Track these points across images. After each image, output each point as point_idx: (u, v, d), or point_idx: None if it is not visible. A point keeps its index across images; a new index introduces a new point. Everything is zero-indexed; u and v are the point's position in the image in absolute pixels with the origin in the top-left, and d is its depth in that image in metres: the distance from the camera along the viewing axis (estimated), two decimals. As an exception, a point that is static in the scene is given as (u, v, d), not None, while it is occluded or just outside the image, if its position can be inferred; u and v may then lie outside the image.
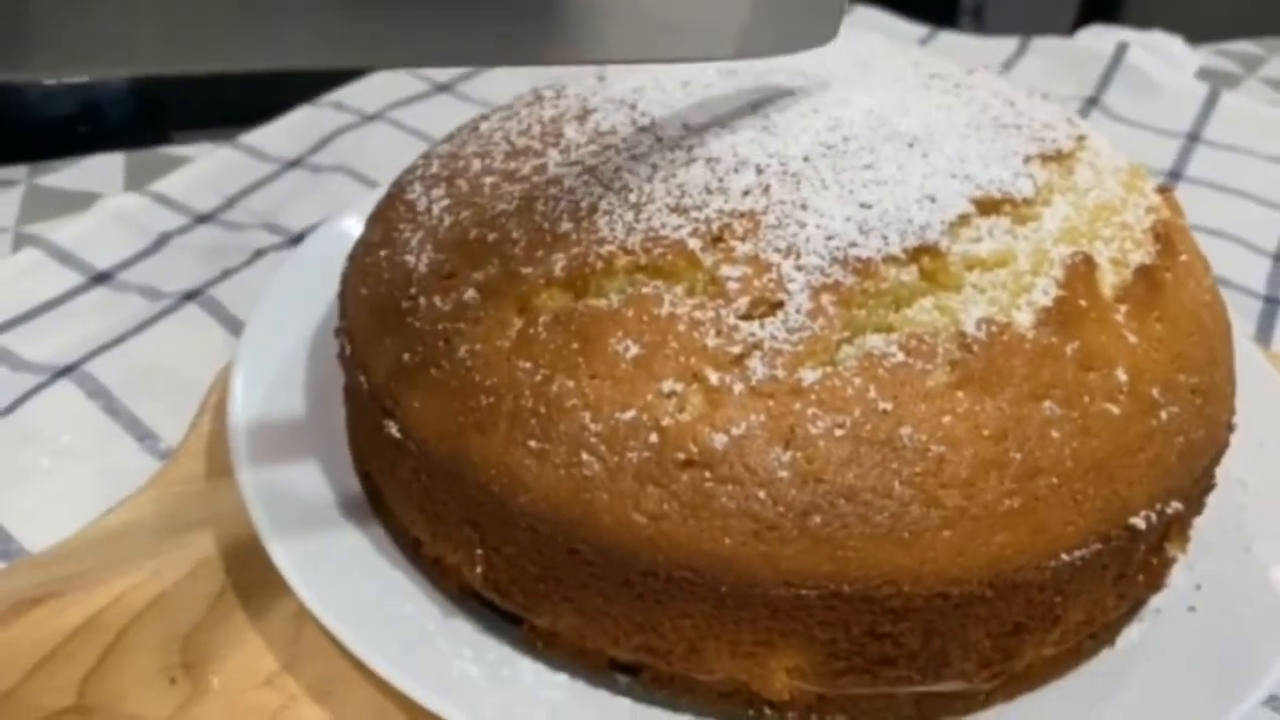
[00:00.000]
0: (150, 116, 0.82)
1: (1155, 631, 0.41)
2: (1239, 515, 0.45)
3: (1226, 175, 0.79)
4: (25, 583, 0.40)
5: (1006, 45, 0.95)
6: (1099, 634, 0.40)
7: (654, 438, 0.34)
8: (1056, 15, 1.66)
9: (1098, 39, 0.96)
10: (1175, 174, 0.79)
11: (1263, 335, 0.64)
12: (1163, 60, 0.93)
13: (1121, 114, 0.86)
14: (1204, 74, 0.93)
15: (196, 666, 0.38)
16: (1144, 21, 1.00)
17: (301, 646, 0.39)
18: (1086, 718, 0.38)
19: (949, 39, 0.96)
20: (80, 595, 0.40)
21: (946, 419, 0.34)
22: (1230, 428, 0.41)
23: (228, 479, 0.43)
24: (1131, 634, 0.41)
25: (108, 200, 0.64)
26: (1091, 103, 0.86)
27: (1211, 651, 0.40)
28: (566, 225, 0.39)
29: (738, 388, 0.34)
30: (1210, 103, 0.87)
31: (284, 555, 0.38)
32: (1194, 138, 0.84)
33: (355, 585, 0.39)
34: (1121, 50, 0.92)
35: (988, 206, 0.39)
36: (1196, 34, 0.99)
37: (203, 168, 0.69)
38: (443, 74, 0.82)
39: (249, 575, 0.41)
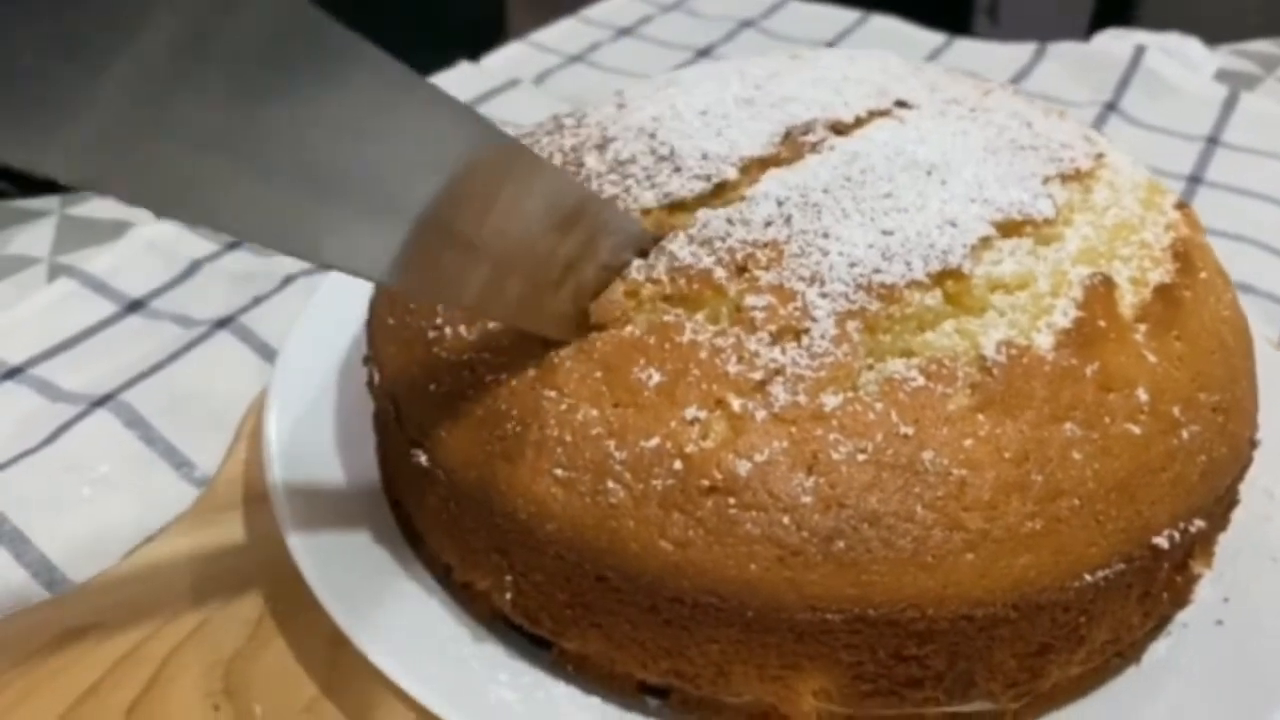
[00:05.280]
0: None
1: (1183, 646, 0.41)
2: (1264, 526, 0.45)
3: (1247, 178, 0.79)
4: (70, 613, 0.41)
5: (1023, 51, 0.95)
6: (1125, 652, 0.40)
7: (678, 465, 0.35)
8: (1071, 11, 1.66)
9: (1115, 42, 0.96)
10: (1195, 178, 0.79)
11: (1287, 342, 0.64)
12: (1180, 62, 0.93)
13: (1140, 119, 0.85)
14: (1222, 75, 0.93)
15: (239, 693, 0.39)
16: (1160, 13, 0.99)
17: (339, 671, 0.40)
18: (1113, 735, 0.38)
19: (965, 46, 0.96)
20: (124, 625, 0.41)
21: (968, 442, 0.35)
22: (1253, 444, 0.41)
23: (264, 506, 0.44)
24: (1159, 649, 0.41)
25: (139, 228, 0.66)
26: (1109, 108, 0.86)
27: (1241, 665, 0.40)
28: (589, 255, 0.39)
29: (760, 414, 0.35)
30: (1229, 105, 0.87)
31: (322, 585, 0.39)
32: (1214, 141, 0.83)
33: (390, 612, 0.40)
34: (1139, 54, 0.92)
35: (1009, 228, 0.39)
36: (1214, 32, 0.99)
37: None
38: (464, 94, 0.83)
39: (286, 602, 0.42)
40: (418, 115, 0.29)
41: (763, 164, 0.42)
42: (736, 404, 0.35)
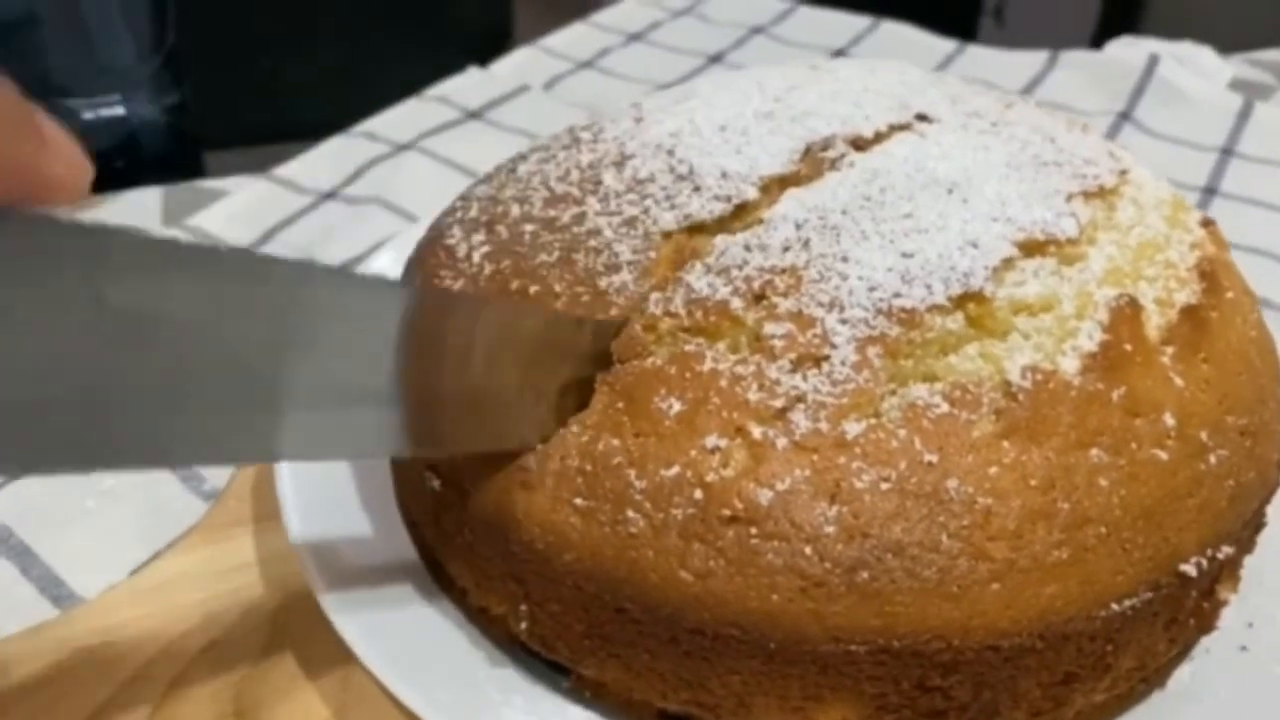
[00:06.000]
0: (186, 147, 0.83)
1: (1207, 671, 0.40)
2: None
3: (1263, 190, 0.78)
4: (78, 631, 0.41)
5: (1035, 60, 0.94)
6: (1150, 678, 0.39)
7: (698, 494, 0.34)
8: (1078, 14, 1.65)
9: (1127, 50, 0.96)
10: (1210, 189, 0.79)
11: (1305, 356, 0.63)
12: (1193, 71, 0.93)
13: (1154, 128, 0.85)
14: (1236, 84, 0.92)
15: (250, 714, 0.39)
16: (1169, 17, 0.99)
17: (351, 693, 0.39)
18: (1138, 764, 0.38)
19: (977, 53, 0.95)
20: (133, 643, 0.41)
21: (993, 470, 0.34)
22: (1280, 468, 0.41)
23: (274, 523, 0.44)
24: (1182, 675, 0.40)
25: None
26: (1123, 117, 0.86)
27: (1266, 690, 0.39)
28: (607, 281, 0.39)
29: (781, 442, 0.34)
30: (1244, 115, 0.87)
31: (335, 607, 0.39)
32: (1228, 151, 0.83)
33: (404, 634, 0.39)
34: (1152, 63, 0.91)
35: (1032, 248, 0.38)
36: (1221, 37, 0.98)
37: (239, 201, 0.70)
38: (474, 100, 0.82)
39: (298, 621, 0.41)
40: (344, 304, 0.30)
41: (782, 182, 0.41)
42: (757, 432, 0.35)
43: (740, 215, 0.40)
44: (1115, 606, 0.35)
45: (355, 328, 0.30)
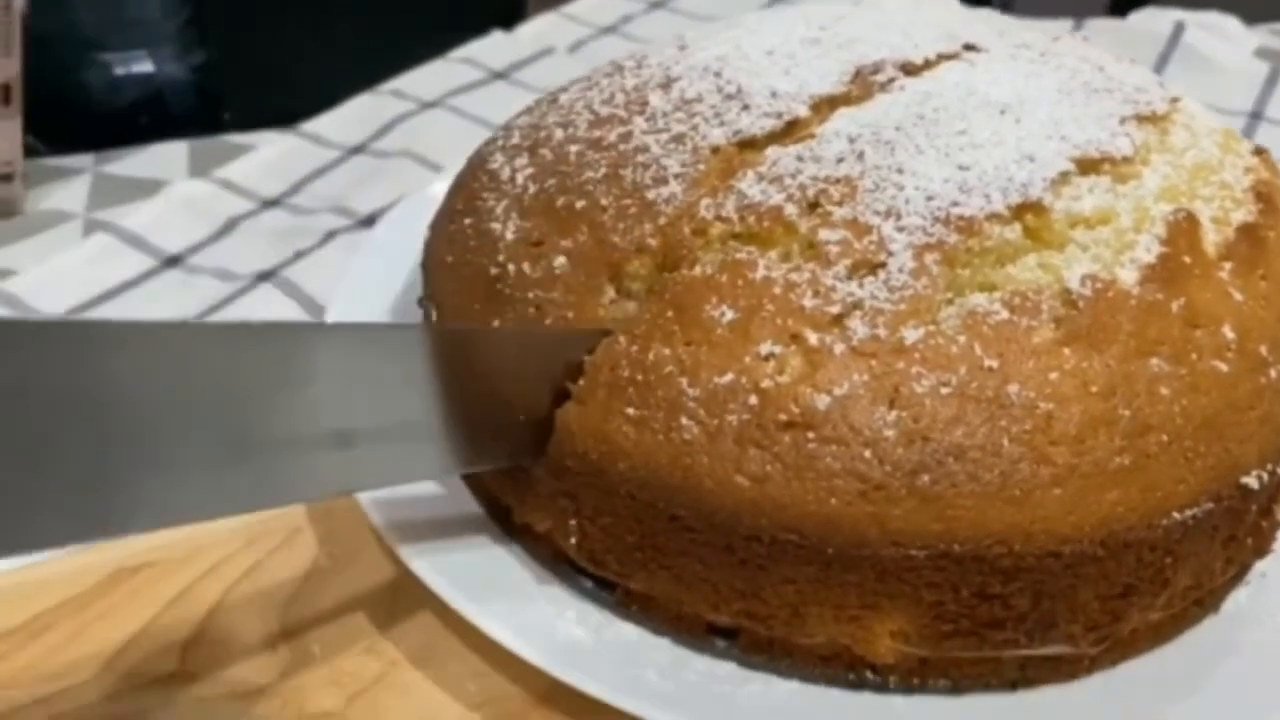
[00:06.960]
0: (210, 107, 0.83)
1: (1263, 595, 0.40)
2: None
3: (1293, 152, 0.78)
4: (121, 553, 0.40)
5: (1060, 28, 0.93)
6: (1204, 600, 0.39)
7: (754, 400, 0.34)
8: (1087, 2, 1.64)
9: (1153, 19, 0.95)
10: (1241, 151, 0.78)
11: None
12: (1219, 39, 0.92)
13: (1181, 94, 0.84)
14: (1261, 53, 0.92)
15: (296, 634, 0.38)
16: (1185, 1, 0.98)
17: (397, 614, 0.39)
18: (1193, 684, 0.37)
19: (999, 20, 0.95)
20: (177, 565, 0.40)
21: (1054, 375, 0.34)
22: (1336, 390, 0.40)
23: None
24: (1239, 598, 0.40)
25: (174, 186, 0.65)
26: (1151, 81, 0.85)
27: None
28: (655, 194, 0.38)
29: (838, 348, 0.34)
30: (1271, 81, 0.86)
31: (387, 526, 0.38)
32: (1257, 116, 0.82)
33: (453, 551, 0.39)
34: (1179, 30, 0.90)
35: (1087, 165, 0.38)
36: (1244, 12, 0.98)
37: (266, 155, 0.69)
38: (498, 61, 0.82)
39: (341, 544, 0.41)
40: (364, 357, 0.33)
41: (833, 102, 0.41)
42: (813, 338, 0.34)
43: (791, 132, 0.39)
44: (1176, 515, 0.34)
45: (381, 376, 0.33)
